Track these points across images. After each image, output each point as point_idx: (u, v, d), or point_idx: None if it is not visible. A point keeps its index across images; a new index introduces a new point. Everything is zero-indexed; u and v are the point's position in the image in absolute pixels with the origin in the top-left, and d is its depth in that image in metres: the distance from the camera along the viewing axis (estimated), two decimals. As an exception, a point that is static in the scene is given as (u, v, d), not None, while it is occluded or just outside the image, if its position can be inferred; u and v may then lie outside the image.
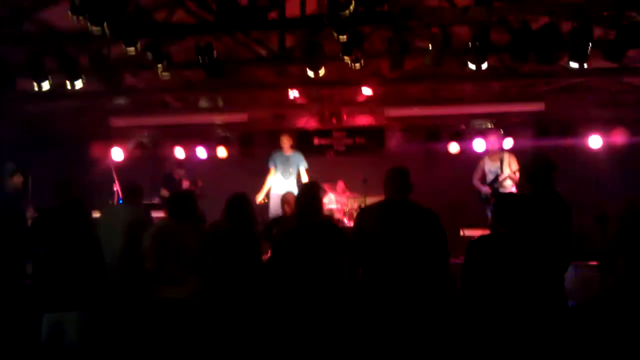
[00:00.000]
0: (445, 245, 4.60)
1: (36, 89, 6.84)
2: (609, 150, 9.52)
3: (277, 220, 7.37)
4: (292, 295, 4.57)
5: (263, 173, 9.47)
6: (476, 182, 8.92)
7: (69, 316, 4.63)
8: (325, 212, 8.51)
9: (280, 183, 9.34)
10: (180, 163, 10.70)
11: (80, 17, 5.46)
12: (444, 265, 4.64)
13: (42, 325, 4.66)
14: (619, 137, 9.33)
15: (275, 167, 9.45)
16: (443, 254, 4.60)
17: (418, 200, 4.70)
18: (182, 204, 5.27)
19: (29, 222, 6.25)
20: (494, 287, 4.38)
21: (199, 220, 5.77)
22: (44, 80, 6.81)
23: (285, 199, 7.37)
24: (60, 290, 4.65)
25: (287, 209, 7.20)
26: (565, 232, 4.48)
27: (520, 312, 4.24)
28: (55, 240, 4.90)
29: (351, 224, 8.79)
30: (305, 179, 9.29)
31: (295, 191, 8.75)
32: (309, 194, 4.86)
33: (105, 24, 5.54)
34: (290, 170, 9.42)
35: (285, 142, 9.49)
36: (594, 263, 6.82)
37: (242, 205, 5.29)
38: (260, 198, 9.27)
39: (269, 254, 5.54)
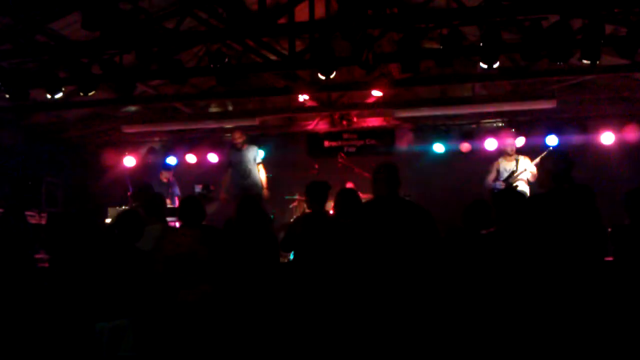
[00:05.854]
0: (438, 241, 4.59)
1: (49, 96, 6.93)
2: (622, 147, 9.44)
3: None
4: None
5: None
6: (489, 182, 8.87)
7: (125, 323, 4.57)
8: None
9: (239, 181, 9.11)
10: (168, 167, 10.48)
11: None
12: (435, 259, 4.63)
13: (98, 335, 4.51)
14: (632, 134, 9.26)
15: (231, 165, 9.26)
16: (435, 249, 4.57)
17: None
18: (191, 209, 5.32)
19: None
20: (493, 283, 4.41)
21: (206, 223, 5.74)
22: (56, 90, 6.88)
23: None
24: (114, 297, 4.59)
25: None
26: (594, 228, 4.38)
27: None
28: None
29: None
30: (262, 172, 9.13)
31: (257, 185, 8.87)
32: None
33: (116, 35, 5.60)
34: (248, 166, 9.12)
35: (237, 138, 9.21)
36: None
37: (254, 206, 5.32)
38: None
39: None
